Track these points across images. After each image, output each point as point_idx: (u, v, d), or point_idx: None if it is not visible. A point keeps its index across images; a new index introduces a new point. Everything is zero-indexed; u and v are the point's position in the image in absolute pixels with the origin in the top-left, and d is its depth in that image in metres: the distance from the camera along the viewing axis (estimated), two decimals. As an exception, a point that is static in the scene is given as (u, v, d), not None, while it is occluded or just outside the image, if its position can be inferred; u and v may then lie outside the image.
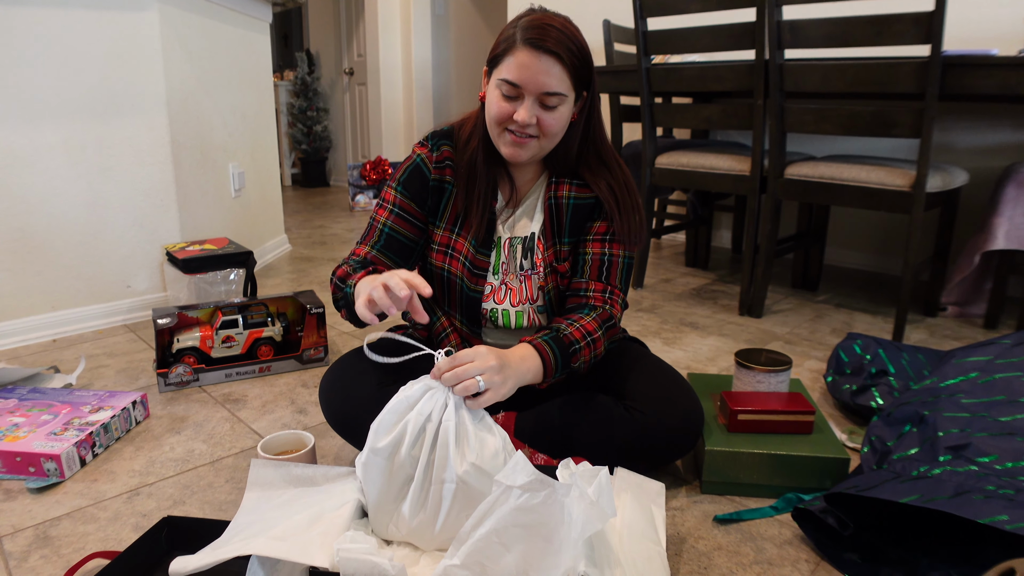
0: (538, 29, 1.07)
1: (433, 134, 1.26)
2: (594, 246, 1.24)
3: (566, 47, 1.07)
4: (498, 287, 1.25)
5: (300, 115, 5.63)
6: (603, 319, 1.18)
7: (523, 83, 1.08)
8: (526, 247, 1.25)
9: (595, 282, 1.22)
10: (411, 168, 1.24)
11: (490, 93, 1.14)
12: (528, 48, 1.06)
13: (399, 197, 1.24)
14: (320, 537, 0.90)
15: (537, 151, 1.16)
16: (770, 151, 2.15)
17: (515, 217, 1.26)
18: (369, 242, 1.24)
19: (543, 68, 1.07)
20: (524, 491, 0.84)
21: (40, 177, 1.93)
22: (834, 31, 1.91)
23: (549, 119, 1.11)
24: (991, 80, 1.78)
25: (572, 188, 1.23)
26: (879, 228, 2.86)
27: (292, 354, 1.79)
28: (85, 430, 1.33)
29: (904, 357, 1.56)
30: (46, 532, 1.11)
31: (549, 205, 1.24)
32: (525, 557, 0.85)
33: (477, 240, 1.22)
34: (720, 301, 2.46)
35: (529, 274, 1.25)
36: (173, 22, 2.15)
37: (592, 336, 1.15)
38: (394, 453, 0.96)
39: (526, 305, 1.26)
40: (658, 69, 2.34)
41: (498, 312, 1.26)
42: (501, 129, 1.14)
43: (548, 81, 1.07)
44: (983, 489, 0.94)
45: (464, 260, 1.23)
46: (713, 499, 1.22)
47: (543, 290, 1.25)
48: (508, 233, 1.25)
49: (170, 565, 0.85)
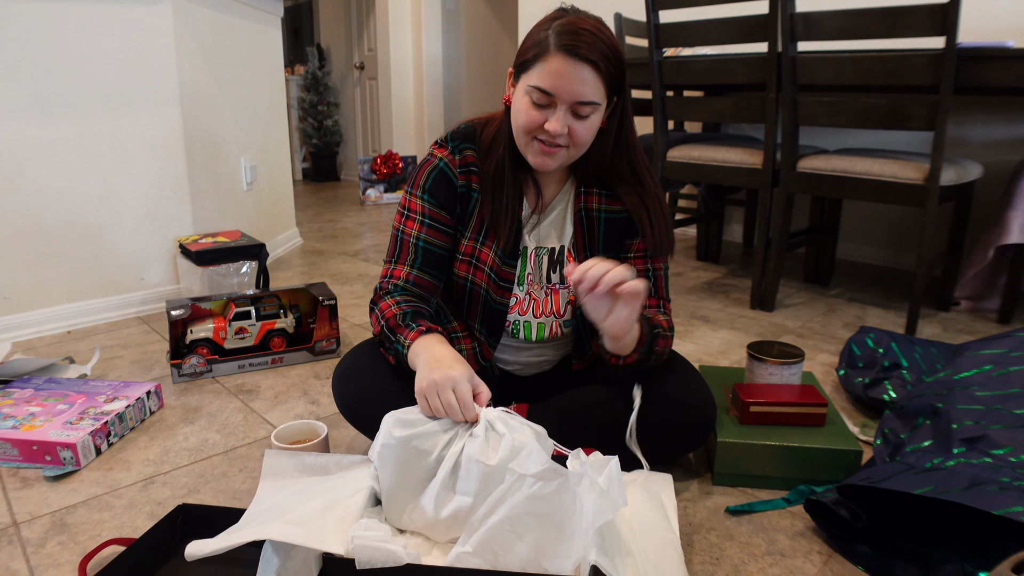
0: (573, 35, 1.01)
1: (452, 135, 1.20)
2: (637, 263, 1.22)
3: (602, 53, 1.02)
4: (523, 298, 1.22)
5: (311, 109, 5.65)
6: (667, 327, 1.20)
7: (556, 91, 1.02)
8: (554, 259, 1.22)
9: (648, 298, 1.21)
10: (434, 173, 1.18)
11: (519, 99, 1.08)
12: (563, 54, 1.00)
13: (427, 206, 1.18)
14: (335, 524, 0.91)
15: (565, 160, 1.11)
16: (782, 144, 2.14)
17: (541, 226, 1.22)
18: (406, 261, 1.18)
19: (578, 76, 1.01)
20: (537, 480, 0.85)
21: (55, 170, 1.95)
22: (847, 23, 1.90)
23: (580, 128, 1.06)
24: (1007, 73, 1.76)
25: (603, 200, 1.20)
26: (892, 222, 2.84)
27: (304, 346, 1.80)
28: (100, 419, 1.34)
29: (917, 350, 1.55)
30: (63, 519, 1.13)
31: (580, 217, 1.20)
32: (537, 545, 0.86)
33: (503, 251, 1.18)
34: (732, 295, 2.45)
35: (557, 287, 1.22)
36: (186, 16, 2.16)
37: (664, 333, 1.16)
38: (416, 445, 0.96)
39: (549, 318, 1.23)
40: (670, 62, 2.33)
41: (520, 324, 1.24)
42: (530, 138, 1.08)
43: (583, 90, 1.02)
44: (998, 481, 0.94)
45: (490, 271, 1.19)
46: (725, 491, 1.22)
47: (573, 304, 1.23)
48: (534, 243, 1.21)
49: (186, 548, 0.86)
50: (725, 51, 2.49)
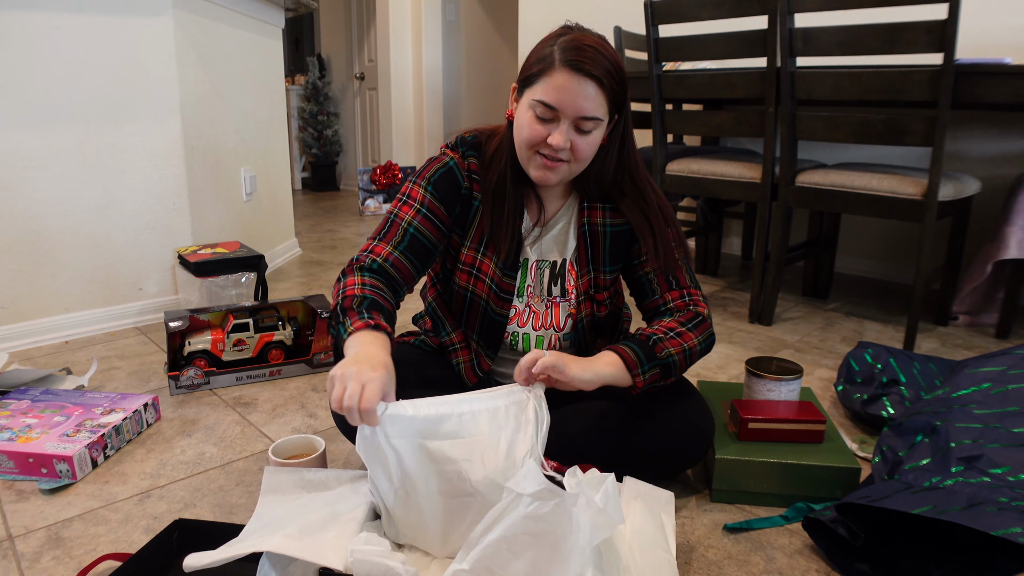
0: (577, 51, 1.03)
1: (462, 141, 1.22)
2: (647, 267, 1.22)
3: (605, 69, 1.04)
4: (522, 310, 1.23)
5: (311, 120, 5.66)
6: (687, 318, 1.17)
7: (561, 106, 1.04)
8: (555, 272, 1.22)
9: (669, 292, 1.20)
10: (443, 170, 1.19)
11: (522, 114, 1.10)
12: (567, 70, 1.03)
13: (428, 197, 1.18)
14: (335, 538, 0.91)
15: (567, 175, 1.13)
16: (781, 158, 2.14)
17: (544, 240, 1.23)
18: (391, 241, 1.16)
19: (582, 92, 1.04)
20: (534, 499, 0.84)
21: (55, 180, 1.95)
22: (846, 39, 1.91)
23: (582, 144, 1.08)
24: (1004, 89, 1.77)
25: (607, 214, 1.21)
26: (890, 236, 2.85)
27: (303, 358, 1.80)
28: (97, 432, 1.34)
29: (915, 366, 1.55)
30: (58, 533, 1.12)
31: (583, 231, 1.21)
32: (534, 564, 0.85)
33: (504, 263, 1.19)
34: (730, 308, 2.45)
35: (558, 301, 1.23)
36: (187, 27, 2.17)
37: (675, 331, 1.13)
38: None
39: (549, 331, 1.24)
40: (669, 76, 2.34)
41: (519, 335, 1.24)
42: (532, 152, 1.10)
43: (586, 105, 1.05)
44: (996, 501, 0.94)
45: (490, 282, 1.20)
46: (723, 508, 1.21)
47: (573, 318, 1.23)
48: (536, 255, 1.22)
49: (185, 559, 0.86)
50: (724, 65, 2.50)
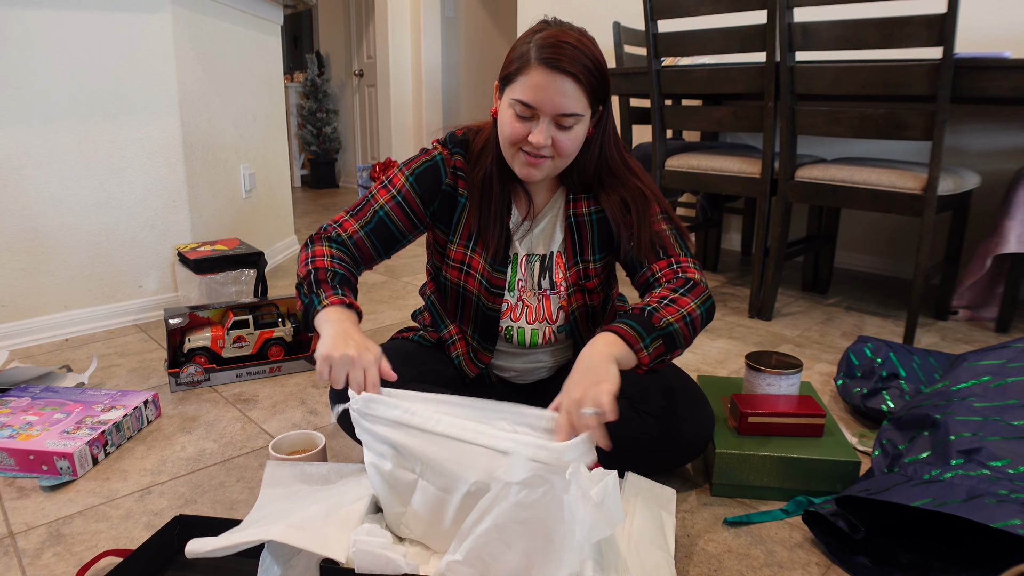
0: (554, 47, 1.02)
1: (452, 138, 1.22)
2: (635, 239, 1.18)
3: (582, 65, 1.03)
4: (514, 304, 1.24)
5: (310, 116, 5.65)
6: (678, 284, 1.11)
7: (538, 104, 1.04)
8: (544, 266, 1.23)
9: (656, 263, 1.16)
10: (429, 163, 1.21)
11: (503, 112, 1.09)
12: (543, 68, 1.02)
13: (407, 187, 1.20)
14: (337, 529, 0.91)
15: (551, 170, 1.12)
16: (780, 153, 2.14)
17: (532, 234, 1.23)
18: (360, 220, 1.20)
19: (559, 89, 1.02)
20: (523, 487, 0.84)
21: (54, 177, 1.95)
22: (845, 33, 1.90)
23: (564, 139, 1.07)
24: (1004, 83, 1.77)
25: (591, 203, 1.21)
26: (890, 231, 2.84)
27: (302, 355, 1.80)
28: (97, 429, 1.34)
29: (915, 360, 1.55)
30: (59, 530, 1.12)
31: (569, 223, 1.21)
32: (527, 555, 0.85)
33: (494, 259, 1.20)
34: (730, 303, 2.45)
35: (548, 293, 1.23)
36: (185, 24, 2.17)
37: (668, 298, 1.07)
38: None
39: (543, 324, 1.24)
40: (668, 71, 2.34)
41: (513, 329, 1.25)
42: (516, 149, 1.10)
43: (564, 102, 1.03)
44: (996, 493, 0.94)
45: (480, 278, 1.21)
46: (723, 502, 1.22)
47: (565, 310, 1.23)
48: (525, 250, 1.23)
49: (187, 545, 0.86)
50: (723, 60, 2.50)
